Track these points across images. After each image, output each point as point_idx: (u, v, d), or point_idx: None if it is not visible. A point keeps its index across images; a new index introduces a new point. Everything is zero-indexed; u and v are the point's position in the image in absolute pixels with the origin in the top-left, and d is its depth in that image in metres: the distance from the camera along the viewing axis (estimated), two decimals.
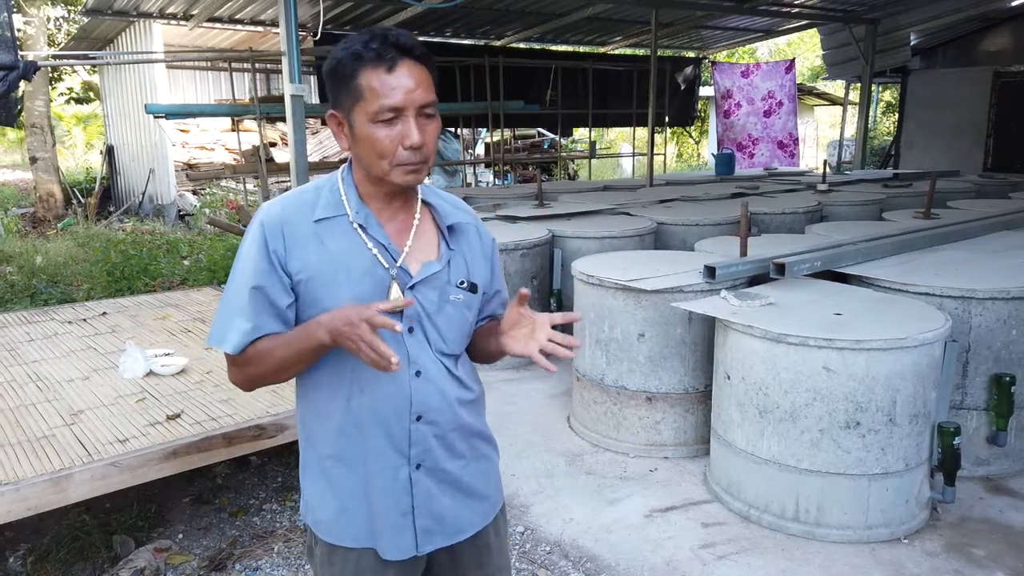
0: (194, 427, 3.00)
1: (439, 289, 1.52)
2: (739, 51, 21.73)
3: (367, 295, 1.44)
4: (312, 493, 1.58)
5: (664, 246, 5.77)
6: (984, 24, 12.30)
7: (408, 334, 1.48)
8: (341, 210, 1.48)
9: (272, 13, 9.80)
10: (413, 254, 1.51)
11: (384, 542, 1.52)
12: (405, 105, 1.39)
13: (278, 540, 3.16)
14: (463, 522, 1.60)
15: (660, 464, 3.76)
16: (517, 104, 11.70)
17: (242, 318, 1.45)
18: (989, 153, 12.14)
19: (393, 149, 1.41)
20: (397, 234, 1.51)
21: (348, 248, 1.46)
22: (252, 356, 1.46)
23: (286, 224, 1.46)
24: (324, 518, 1.56)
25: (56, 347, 4.10)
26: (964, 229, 4.94)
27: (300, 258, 1.45)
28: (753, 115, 12.96)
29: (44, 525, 3.21)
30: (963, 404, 3.51)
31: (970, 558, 2.93)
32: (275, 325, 1.46)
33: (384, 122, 1.40)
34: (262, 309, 1.45)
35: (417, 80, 1.40)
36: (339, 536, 1.55)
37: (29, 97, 11.94)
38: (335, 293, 1.44)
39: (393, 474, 1.51)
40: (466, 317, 1.56)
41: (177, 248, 9.09)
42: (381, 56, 1.38)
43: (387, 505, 1.51)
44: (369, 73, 1.39)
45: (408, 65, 1.40)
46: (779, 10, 11.30)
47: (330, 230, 1.47)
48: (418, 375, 1.49)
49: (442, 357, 1.53)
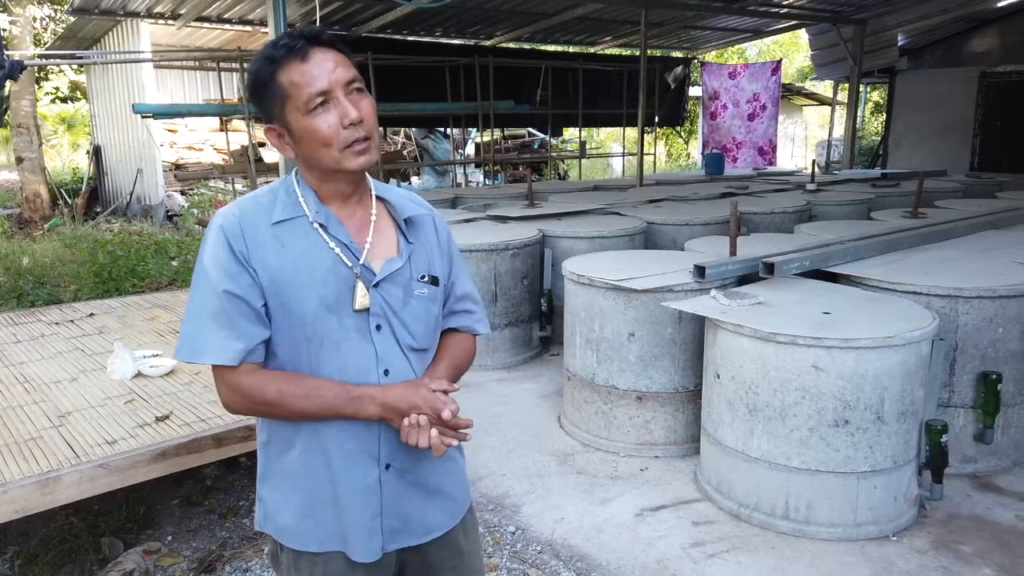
0: (183, 428, 2.98)
1: (403, 285, 1.51)
2: (728, 51, 21.81)
3: (332, 295, 1.43)
4: (273, 499, 1.54)
5: (654, 246, 5.79)
6: (971, 25, 12.40)
7: (376, 332, 1.48)
8: (300, 211, 1.46)
9: (260, 12, 9.77)
10: (374, 251, 1.50)
11: (353, 544, 1.50)
12: (330, 86, 1.40)
13: (268, 542, 3.14)
14: (430, 522, 1.59)
15: (651, 463, 3.77)
16: (507, 104, 11.71)
17: (216, 325, 1.40)
18: (976, 153, 12.24)
19: (334, 133, 1.40)
20: (356, 232, 1.50)
21: (309, 248, 1.44)
22: (277, 393, 1.41)
23: (245, 227, 1.43)
24: (287, 523, 1.53)
25: (43, 348, 4.07)
26: (951, 228, 4.97)
27: (261, 260, 1.42)
28: (738, 118, 13.13)
29: (32, 528, 3.18)
30: (950, 402, 3.54)
31: (958, 555, 2.95)
32: (257, 329, 1.42)
33: (316, 109, 1.40)
34: (237, 314, 1.40)
35: (335, 61, 1.41)
36: (304, 541, 1.52)
37: (15, 97, 11.85)
38: (300, 295, 1.42)
39: (362, 475, 1.49)
40: (431, 310, 1.56)
41: (165, 249, 9.04)
42: (291, 49, 1.40)
43: (356, 506, 1.49)
44: (286, 70, 1.40)
45: (320, 50, 1.41)
46: (768, 10, 11.35)
47: (289, 232, 1.45)
48: (386, 374, 1.49)
49: (410, 353, 1.52)
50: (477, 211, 6.78)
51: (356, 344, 1.46)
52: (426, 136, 15.13)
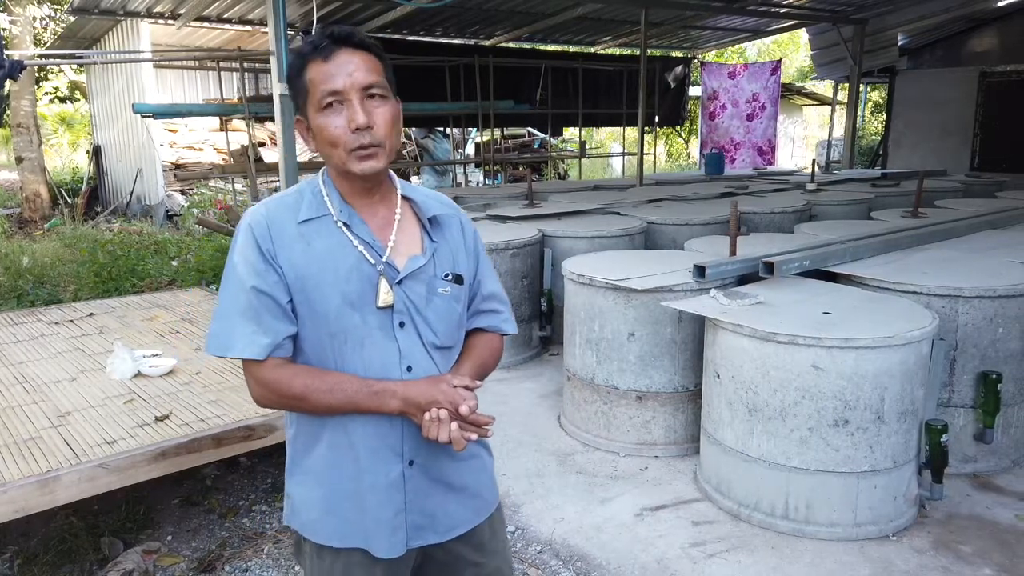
0: (183, 428, 2.98)
1: (426, 282, 1.52)
2: (728, 51, 21.81)
3: (355, 292, 1.46)
4: (298, 495, 1.56)
5: (654, 245, 5.79)
6: (971, 24, 12.40)
7: (399, 329, 1.49)
8: (324, 210, 1.49)
9: (260, 12, 9.77)
10: (398, 248, 1.52)
11: (376, 541, 1.51)
12: (345, 88, 1.41)
13: (268, 541, 3.15)
14: (455, 519, 1.59)
15: (650, 463, 3.77)
16: (507, 104, 11.71)
17: (244, 320, 1.44)
18: (976, 152, 12.23)
19: (342, 135, 1.43)
20: (380, 230, 1.52)
21: (333, 247, 1.47)
22: (303, 387, 1.44)
23: (272, 225, 1.46)
24: (311, 518, 1.55)
25: (43, 348, 4.07)
26: (951, 228, 4.97)
27: (287, 258, 1.45)
28: (736, 118, 13.13)
29: (31, 528, 3.18)
30: (950, 402, 3.54)
31: (958, 555, 2.95)
32: (284, 325, 1.45)
33: (328, 108, 1.42)
34: (263, 310, 1.44)
35: (357, 64, 1.43)
36: (327, 536, 1.54)
37: (15, 97, 11.86)
38: (323, 292, 1.45)
39: (385, 471, 1.50)
40: (455, 309, 1.56)
41: (165, 249, 9.04)
42: (317, 48, 1.43)
43: (379, 503, 1.51)
44: (311, 67, 1.43)
45: (347, 52, 1.43)
46: (768, 10, 11.34)
47: (315, 230, 1.47)
48: (409, 370, 1.50)
49: (433, 351, 1.53)
50: (477, 211, 6.78)
51: (379, 341, 1.48)
52: (426, 136, 15.11)
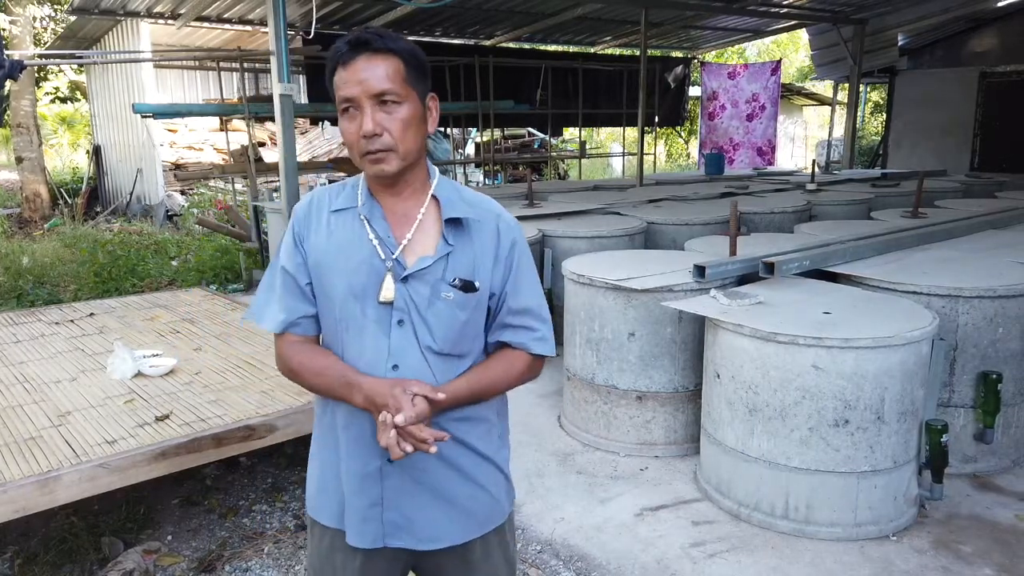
0: (183, 428, 2.98)
1: (431, 284, 1.50)
2: (728, 51, 21.81)
3: (360, 284, 1.49)
4: (309, 468, 1.67)
5: (654, 245, 5.78)
6: (971, 25, 12.39)
7: (396, 326, 1.49)
8: (354, 203, 1.55)
9: (260, 12, 9.76)
10: (412, 247, 1.51)
11: (350, 527, 1.56)
12: (356, 95, 1.45)
13: (268, 541, 3.15)
14: (438, 530, 1.57)
15: (651, 463, 3.77)
16: (507, 104, 11.70)
17: (275, 297, 1.57)
18: (976, 153, 12.24)
19: (355, 140, 1.47)
20: (398, 227, 1.53)
21: (351, 238, 1.52)
22: (298, 365, 1.54)
23: (311, 212, 1.57)
24: (311, 492, 1.66)
25: (43, 348, 4.07)
26: (951, 228, 4.98)
27: (312, 243, 1.54)
28: (736, 119, 13.12)
29: (32, 527, 3.18)
30: (950, 402, 3.54)
31: (958, 554, 2.95)
32: (301, 304, 1.55)
33: (345, 113, 1.47)
34: (287, 290, 1.55)
35: (372, 71, 1.44)
36: (318, 512, 1.63)
37: (15, 97, 11.85)
38: (332, 279, 1.51)
39: (363, 462, 1.53)
40: (457, 316, 1.50)
41: (165, 248, 9.05)
42: (338, 53, 1.47)
43: (354, 491, 1.55)
44: (337, 71, 1.48)
45: (365, 58, 1.45)
46: (768, 10, 11.34)
47: (342, 220, 1.55)
48: (395, 369, 1.49)
49: (430, 355, 1.51)
50: None
51: (373, 334, 1.50)
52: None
